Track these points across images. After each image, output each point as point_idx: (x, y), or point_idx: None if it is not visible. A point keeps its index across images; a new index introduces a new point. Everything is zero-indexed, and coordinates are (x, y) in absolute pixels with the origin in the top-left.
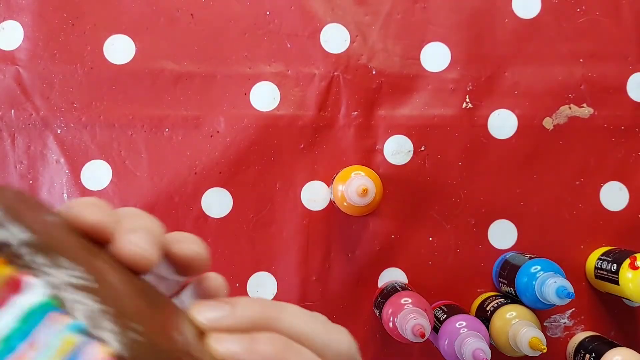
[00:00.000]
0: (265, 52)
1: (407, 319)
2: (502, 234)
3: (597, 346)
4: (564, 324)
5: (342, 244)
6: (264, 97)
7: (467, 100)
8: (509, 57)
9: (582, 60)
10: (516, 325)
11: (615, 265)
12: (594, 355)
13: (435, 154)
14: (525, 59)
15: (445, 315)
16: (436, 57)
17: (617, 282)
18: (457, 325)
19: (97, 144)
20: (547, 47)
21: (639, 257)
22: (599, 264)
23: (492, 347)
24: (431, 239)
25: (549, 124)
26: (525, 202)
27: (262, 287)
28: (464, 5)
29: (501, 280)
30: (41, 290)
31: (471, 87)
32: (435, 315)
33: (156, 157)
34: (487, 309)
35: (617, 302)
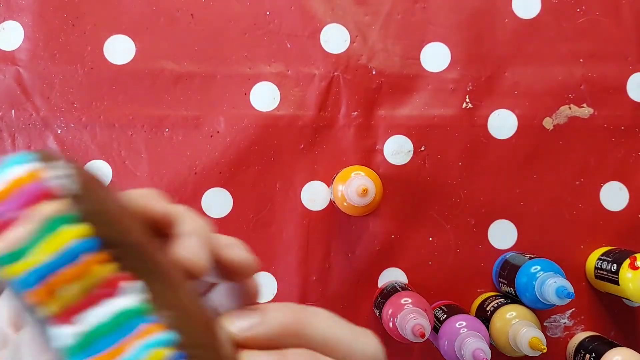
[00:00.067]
0: (265, 52)
1: (407, 319)
2: (502, 234)
3: (597, 346)
4: (564, 324)
5: (342, 244)
6: (264, 97)
7: (467, 100)
8: (509, 57)
9: (582, 60)
10: (516, 325)
11: (615, 265)
12: (594, 355)
13: (435, 154)
14: (525, 59)
15: (445, 315)
16: (436, 57)
17: (617, 282)
18: (457, 325)
19: (97, 144)
20: (547, 47)
21: (639, 257)
22: (599, 264)
23: (492, 347)
24: (431, 239)
25: (549, 124)
26: (525, 202)
27: (262, 287)
28: (464, 5)
29: (501, 280)
30: (136, 296)
31: (471, 87)
32: (435, 315)
33: (156, 157)
34: (487, 309)
35: (617, 302)
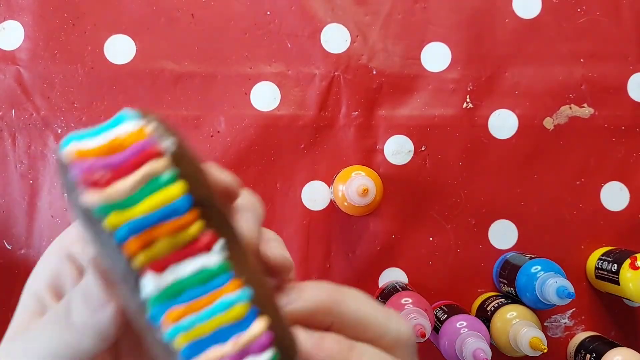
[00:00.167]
0: (265, 52)
1: (408, 319)
2: (503, 234)
3: (598, 346)
4: (565, 324)
5: (342, 244)
6: (265, 97)
7: (468, 100)
8: (509, 57)
9: (582, 60)
10: (517, 325)
11: (615, 265)
12: (594, 355)
13: (435, 154)
14: (525, 59)
15: (445, 315)
16: (436, 57)
17: (617, 282)
18: (457, 325)
19: None
20: (548, 47)
21: (639, 257)
22: (600, 264)
23: (493, 347)
24: (431, 239)
25: (549, 124)
26: (525, 202)
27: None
28: (464, 5)
29: (501, 280)
30: (219, 254)
31: (471, 87)
32: (435, 315)
33: None
34: (488, 309)
35: (617, 302)
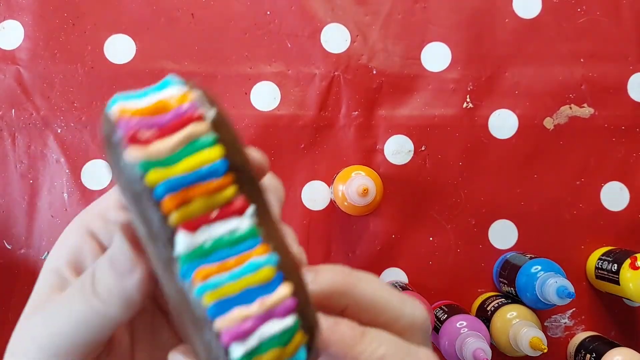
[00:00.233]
0: (265, 52)
1: None
2: (503, 234)
3: (598, 346)
4: (565, 324)
5: (342, 244)
6: (265, 97)
7: (468, 100)
8: (509, 57)
9: (582, 60)
10: (517, 325)
11: (615, 265)
12: (594, 355)
13: (435, 154)
14: (525, 59)
15: (445, 315)
16: (436, 57)
17: (617, 282)
18: (457, 325)
19: (97, 143)
20: (548, 47)
21: (639, 257)
22: (600, 264)
23: (493, 347)
24: (431, 239)
25: (549, 124)
26: (525, 202)
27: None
28: (464, 5)
29: (502, 280)
30: (250, 218)
31: (471, 87)
32: (435, 315)
33: None
34: (488, 309)
35: (617, 302)
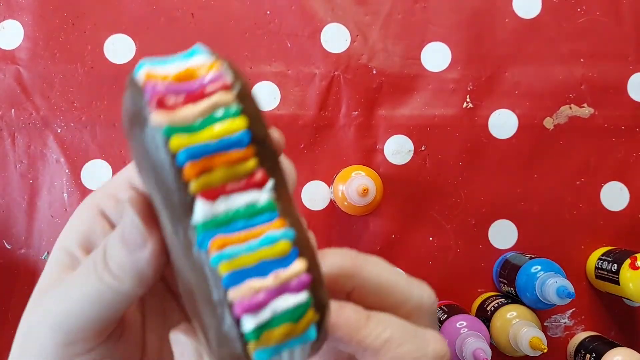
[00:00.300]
0: (265, 52)
1: None
2: (503, 234)
3: (598, 346)
4: (565, 323)
5: (342, 244)
6: (265, 96)
7: (468, 100)
8: (509, 57)
9: (582, 60)
10: (517, 325)
11: (615, 265)
12: (594, 355)
13: (435, 154)
14: (525, 58)
15: (445, 315)
16: (436, 57)
17: (617, 282)
18: (457, 325)
19: (97, 143)
20: (548, 47)
21: (639, 257)
22: (600, 264)
23: (493, 347)
24: (431, 239)
25: (549, 123)
26: (525, 202)
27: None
28: (464, 5)
29: (501, 280)
30: (268, 192)
31: (471, 87)
32: None
33: None
34: (488, 309)
35: (617, 302)
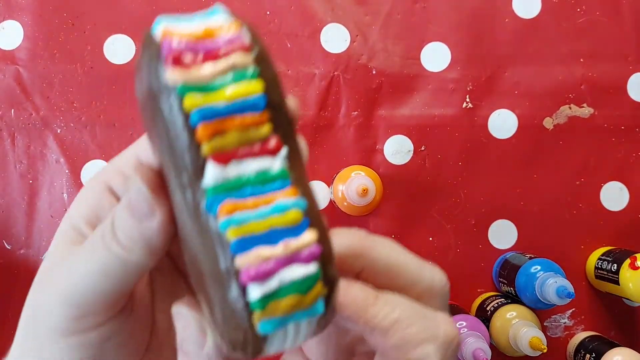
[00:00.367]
0: None
1: None
2: (502, 234)
3: (598, 346)
4: (564, 323)
5: None
6: None
7: (467, 100)
8: (509, 57)
9: (582, 60)
10: (516, 325)
11: (615, 265)
12: (594, 355)
13: (435, 154)
14: (525, 59)
15: None
16: (436, 57)
17: (617, 282)
18: (457, 325)
19: (97, 143)
20: (547, 47)
21: (639, 257)
22: (599, 264)
23: (492, 347)
24: (431, 239)
25: (549, 123)
26: (525, 202)
27: None
28: (464, 5)
29: (501, 280)
30: (282, 159)
31: (471, 87)
32: None
33: None
34: (487, 309)
35: (617, 302)
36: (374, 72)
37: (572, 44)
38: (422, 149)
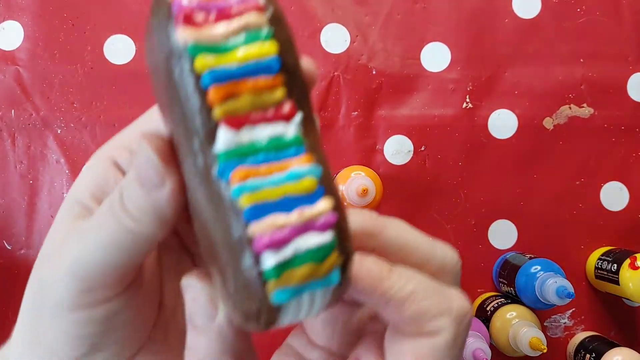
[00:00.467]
0: None
1: None
2: (502, 234)
3: (598, 346)
4: (564, 324)
5: None
6: None
7: (467, 100)
8: (509, 57)
9: (582, 60)
10: (516, 325)
11: (615, 265)
12: (594, 355)
13: (435, 154)
14: (525, 59)
15: None
16: (436, 57)
17: (617, 282)
18: None
19: (97, 144)
20: (547, 47)
21: (639, 257)
22: (599, 264)
23: (492, 347)
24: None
25: (549, 124)
26: (525, 202)
27: None
28: (464, 5)
29: (501, 280)
30: (296, 125)
31: (471, 87)
32: None
33: None
34: (487, 309)
35: (617, 302)
36: (374, 72)
37: (572, 44)
38: (422, 149)
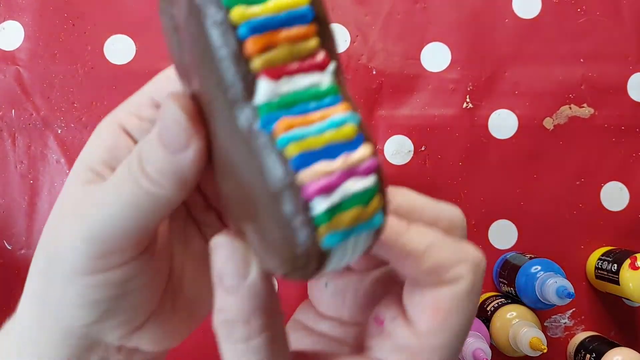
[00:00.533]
0: None
1: None
2: (502, 234)
3: (598, 346)
4: (564, 324)
5: None
6: None
7: (468, 100)
8: (509, 57)
9: (582, 60)
10: (516, 325)
11: (615, 265)
12: (594, 355)
13: (435, 154)
14: (525, 59)
15: None
16: (436, 57)
17: (617, 282)
18: None
19: None
20: (547, 47)
21: (639, 257)
22: (600, 264)
23: (493, 347)
24: None
25: (549, 124)
26: (525, 202)
27: None
28: (464, 5)
29: (501, 280)
30: (331, 75)
31: (471, 87)
32: None
33: None
34: (488, 309)
35: (617, 302)
36: (374, 72)
37: (572, 44)
38: (422, 149)
